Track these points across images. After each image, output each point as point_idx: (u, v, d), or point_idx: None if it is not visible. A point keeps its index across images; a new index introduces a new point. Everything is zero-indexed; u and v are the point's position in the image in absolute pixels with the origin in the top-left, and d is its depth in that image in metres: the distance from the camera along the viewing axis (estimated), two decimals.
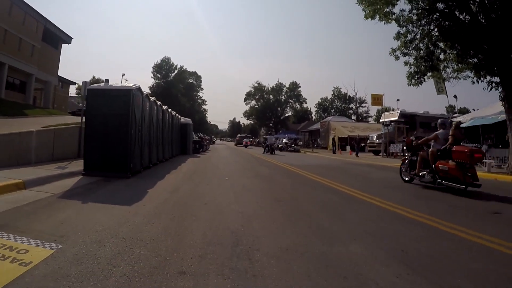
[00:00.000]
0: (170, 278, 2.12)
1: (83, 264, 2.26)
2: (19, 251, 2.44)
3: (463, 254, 2.79)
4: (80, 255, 2.43)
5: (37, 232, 2.89)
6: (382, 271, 2.34)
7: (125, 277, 2.09)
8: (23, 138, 7.29)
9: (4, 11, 23.87)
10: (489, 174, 10.55)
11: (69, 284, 1.96)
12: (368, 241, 3.03)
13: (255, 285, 2.08)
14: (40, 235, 2.81)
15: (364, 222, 3.82)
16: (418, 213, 4.26)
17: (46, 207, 3.93)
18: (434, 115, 28.81)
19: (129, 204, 4.27)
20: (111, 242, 2.75)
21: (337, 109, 69.31)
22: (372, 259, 2.57)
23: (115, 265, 2.28)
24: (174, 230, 3.23)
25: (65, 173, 6.41)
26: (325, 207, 4.63)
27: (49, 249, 2.51)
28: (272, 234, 3.22)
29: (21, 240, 2.67)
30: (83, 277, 2.06)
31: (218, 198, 5.04)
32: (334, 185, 6.93)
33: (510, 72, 10.24)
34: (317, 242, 2.98)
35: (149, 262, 2.36)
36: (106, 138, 6.76)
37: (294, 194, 5.77)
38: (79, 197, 4.59)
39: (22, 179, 5.03)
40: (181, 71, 60.56)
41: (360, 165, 13.76)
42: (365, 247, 2.85)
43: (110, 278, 2.07)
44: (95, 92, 6.89)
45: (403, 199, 5.38)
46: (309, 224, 3.66)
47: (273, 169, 10.65)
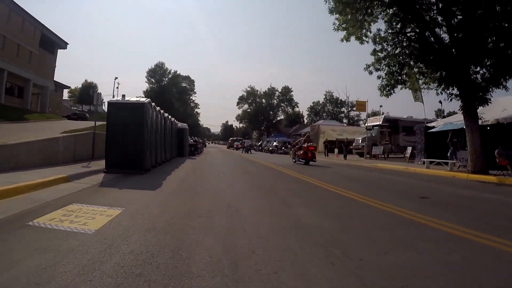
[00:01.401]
0: (193, 219, 3.82)
1: (140, 216, 3.90)
2: (101, 211, 4.05)
3: (329, 197, 4.54)
4: (136, 213, 4.06)
5: (103, 204, 4.50)
6: (314, 218, 4.08)
7: (168, 220, 3.74)
8: (52, 143, 8.81)
9: (4, 18, 24.90)
10: (450, 172, 12.55)
11: (135, 224, 3.59)
12: (312, 207, 4.78)
13: (239, 221, 3.79)
14: (108, 204, 4.44)
15: (316, 199, 5.56)
16: (326, 183, 6.05)
17: (95, 192, 5.53)
18: (416, 119, 31.01)
19: (153, 189, 5.93)
20: (152, 207, 4.41)
21: (329, 113, 71.64)
22: (311, 215, 4.30)
23: (160, 216, 3.93)
24: (189, 201, 4.91)
25: (92, 171, 7.97)
26: (291, 191, 6.46)
27: (117, 210, 4.14)
28: (251, 203, 4.96)
29: (97, 207, 4.28)
30: (142, 222, 3.69)
31: (216, 186, 6.77)
32: (305, 178, 8.77)
33: (467, 86, 12.03)
34: (279, 207, 4.72)
35: (179, 213, 4.08)
36: (124, 142, 8.36)
37: (272, 184, 7.55)
38: (113, 186, 6.21)
39: (66, 174, 6.59)
40: (175, 76, 62.08)
41: (338, 165, 15.61)
42: (308, 210, 4.61)
43: (159, 221, 3.71)
44: (114, 105, 8.51)
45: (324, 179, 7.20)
46: (277, 199, 5.43)
47: (259, 167, 12.44)
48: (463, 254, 2.86)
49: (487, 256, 2.84)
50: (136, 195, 5.30)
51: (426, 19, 12.49)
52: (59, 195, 5.00)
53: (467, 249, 3.04)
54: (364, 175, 10.84)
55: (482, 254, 2.91)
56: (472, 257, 2.79)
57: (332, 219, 4.16)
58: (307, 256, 2.71)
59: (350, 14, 12.38)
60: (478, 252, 2.95)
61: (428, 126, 18.96)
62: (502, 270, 2.52)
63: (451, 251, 2.96)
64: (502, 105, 14.89)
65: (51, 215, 3.78)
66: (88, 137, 10.69)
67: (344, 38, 12.70)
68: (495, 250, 3.03)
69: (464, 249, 3.02)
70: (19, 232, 3.15)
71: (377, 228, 3.78)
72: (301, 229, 3.56)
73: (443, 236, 3.48)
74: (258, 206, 4.78)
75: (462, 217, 4.42)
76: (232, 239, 3.13)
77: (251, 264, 2.48)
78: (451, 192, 7.45)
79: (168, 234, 3.21)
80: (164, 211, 4.22)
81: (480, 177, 11.13)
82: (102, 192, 5.57)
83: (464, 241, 3.28)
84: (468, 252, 2.94)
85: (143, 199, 4.94)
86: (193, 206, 4.58)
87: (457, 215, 4.60)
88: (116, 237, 3.04)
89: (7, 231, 3.15)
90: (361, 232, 3.57)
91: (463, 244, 3.18)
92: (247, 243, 2.99)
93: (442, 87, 13.10)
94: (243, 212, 4.34)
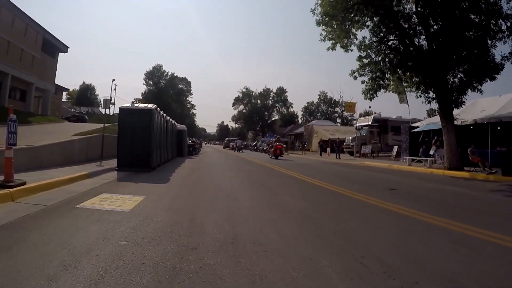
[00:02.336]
0: (201, 203, 4.97)
1: (159, 201, 5.03)
2: (128, 198, 5.17)
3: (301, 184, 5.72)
4: (155, 199, 5.19)
5: (127, 193, 5.62)
6: (295, 202, 5.27)
7: (181, 204, 4.88)
8: (70, 145, 9.88)
9: (8, 23, 25.73)
10: (429, 169, 13.79)
11: (157, 206, 4.71)
12: (294, 195, 5.95)
13: (237, 205, 4.93)
14: (131, 193, 5.55)
15: (298, 189, 6.73)
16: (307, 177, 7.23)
17: (116, 185, 6.64)
18: (405, 119, 32.40)
19: (163, 183, 7.05)
20: (166, 196, 5.55)
21: (323, 113, 72.97)
22: (292, 200, 5.48)
23: (174, 201, 5.06)
24: (195, 192, 6.05)
25: (105, 169, 9.04)
26: (279, 184, 7.65)
27: (140, 197, 5.26)
28: (246, 193, 6.12)
29: (123, 195, 5.40)
30: (162, 205, 4.82)
31: (216, 180, 7.89)
32: (292, 173, 9.94)
33: (444, 90, 13.21)
34: (268, 196, 5.90)
35: (189, 199, 5.22)
36: (133, 143, 9.46)
37: (263, 179, 8.71)
38: (129, 181, 7.32)
39: (87, 172, 7.67)
40: (172, 78, 63.10)
41: (326, 163, 16.84)
42: (291, 197, 5.81)
43: (175, 204, 4.84)
44: (125, 111, 9.61)
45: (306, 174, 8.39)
46: (267, 190, 6.60)
47: (253, 165, 13.65)
48: (401, 226, 4.03)
49: (420, 227, 3.98)
50: (150, 188, 6.42)
51: (406, 29, 13.69)
52: (87, 188, 6.11)
53: (406, 222, 4.20)
54: (346, 171, 12.05)
55: (417, 226, 4.08)
56: (407, 228, 3.95)
57: (309, 203, 5.33)
58: (284, 224, 3.87)
59: (336, 25, 13.57)
60: (415, 225, 4.11)
61: (412, 126, 20.26)
62: (431, 236, 3.62)
63: (392, 223, 4.14)
64: (482, 107, 16.04)
65: (91, 201, 4.89)
66: (98, 139, 11.75)
67: (330, 48, 13.86)
68: (427, 223, 4.21)
69: (403, 223, 4.17)
70: (73, 211, 4.26)
71: (343, 209, 4.95)
72: (283, 209, 4.73)
73: (391, 214, 4.65)
74: (251, 195, 5.95)
75: (415, 203, 5.58)
76: (231, 214, 4.29)
77: (244, 226, 3.64)
78: (419, 185, 8.65)
79: (184, 211, 4.35)
80: (176, 198, 5.36)
81: (455, 173, 12.32)
82: (122, 185, 6.68)
83: (406, 218, 4.44)
84: (406, 224, 4.11)
85: (158, 190, 6.07)
86: (199, 195, 5.73)
87: (413, 201, 5.77)
88: (146, 213, 4.17)
89: (64, 211, 4.26)
90: (329, 212, 4.74)
91: (404, 219, 4.35)
92: (242, 216, 4.16)
93: (421, 91, 14.38)
94: (239, 199, 5.50)
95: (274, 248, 2.96)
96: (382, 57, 14.15)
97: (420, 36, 14.01)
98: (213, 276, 2.32)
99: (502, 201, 6.32)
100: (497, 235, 3.48)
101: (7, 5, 25.12)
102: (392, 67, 14.02)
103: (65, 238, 3.11)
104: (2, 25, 24.60)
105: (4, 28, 24.94)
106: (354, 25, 14.08)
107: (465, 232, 3.62)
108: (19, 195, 4.89)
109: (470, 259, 2.77)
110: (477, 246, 3.16)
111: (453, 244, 3.21)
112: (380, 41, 13.99)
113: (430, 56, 13.27)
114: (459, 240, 3.34)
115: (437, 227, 3.89)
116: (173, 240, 3.10)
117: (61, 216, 3.96)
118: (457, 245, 3.16)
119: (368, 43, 14.36)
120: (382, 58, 14.13)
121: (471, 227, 3.82)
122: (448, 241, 3.30)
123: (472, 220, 4.20)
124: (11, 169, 5.21)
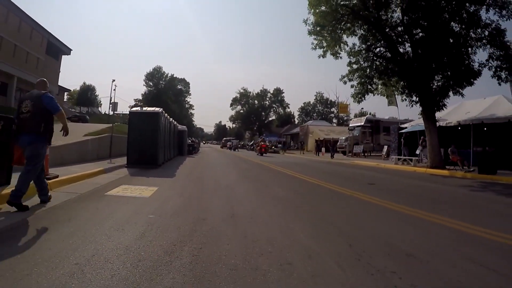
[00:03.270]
0: (205, 192, 6.06)
1: (171, 191, 6.11)
2: (144, 188, 6.25)
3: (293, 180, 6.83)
4: (167, 189, 6.27)
5: (142, 184, 6.69)
6: (283, 193, 6.36)
7: (190, 193, 5.96)
8: (84, 144, 10.94)
9: (14, 28, 26.78)
10: (413, 167, 14.89)
11: (170, 194, 5.79)
12: (283, 187, 7.05)
13: (234, 193, 6.03)
14: (146, 185, 6.63)
15: (288, 183, 7.84)
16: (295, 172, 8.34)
17: (131, 179, 7.70)
18: (397, 120, 33.64)
19: (171, 177, 8.14)
20: (176, 187, 6.63)
21: (319, 113, 74.19)
22: (281, 191, 6.58)
23: (183, 191, 6.14)
24: (200, 184, 7.16)
25: (117, 166, 10.10)
26: (272, 178, 8.74)
27: (154, 187, 6.34)
28: (242, 185, 7.22)
29: (140, 186, 6.48)
30: (174, 193, 5.90)
31: (215, 176, 8.98)
32: (284, 170, 11.03)
33: (426, 94, 14.26)
34: (262, 188, 7.00)
35: (195, 190, 6.29)
36: (142, 143, 10.52)
37: (258, 175, 9.82)
38: (141, 175, 8.39)
39: (103, 168, 8.73)
40: (171, 79, 64.16)
41: (318, 162, 17.98)
42: (280, 189, 6.92)
43: (184, 193, 5.92)
44: (135, 114, 10.71)
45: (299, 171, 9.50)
46: (260, 183, 7.72)
47: (249, 163, 14.77)
48: (365, 209, 5.14)
49: (380, 211, 5.10)
50: (161, 181, 7.50)
51: (392, 37, 14.76)
52: (107, 181, 7.18)
53: (370, 207, 5.31)
54: (334, 169, 13.19)
55: (378, 210, 5.20)
56: (368, 211, 5.07)
57: (295, 194, 6.44)
58: (271, 207, 4.98)
59: (327, 34, 14.68)
60: (376, 209, 5.23)
61: (401, 127, 21.42)
62: (384, 216, 4.78)
63: (357, 207, 5.26)
64: (467, 109, 16.80)
65: (115, 190, 5.97)
66: (108, 139, 12.79)
67: (321, 55, 14.99)
68: (386, 208, 5.33)
69: (367, 207, 5.28)
70: (103, 198, 5.33)
71: (319, 197, 6.07)
72: (273, 198, 5.84)
73: (360, 201, 5.76)
74: (247, 187, 7.04)
75: (386, 194, 6.68)
76: (230, 199, 5.39)
77: (240, 208, 4.75)
78: (397, 181, 9.76)
79: (192, 198, 5.45)
80: (184, 188, 6.45)
81: (436, 171, 13.41)
82: (135, 179, 7.75)
83: (371, 204, 5.54)
84: (369, 208, 5.23)
85: (167, 183, 7.15)
86: (203, 187, 6.81)
87: (384, 193, 6.84)
88: (163, 199, 5.27)
89: (96, 197, 5.33)
90: (311, 200, 5.85)
91: (369, 205, 5.46)
92: (239, 201, 5.27)
93: (405, 95, 15.51)
94: (237, 189, 6.60)
95: (262, 220, 4.06)
96: (369, 63, 15.26)
97: (405, 43, 15.12)
98: (218, 233, 3.41)
99: (463, 194, 7.31)
100: (439, 216, 4.52)
101: (14, 10, 26.09)
102: (378, 73, 15.14)
103: (107, 213, 4.19)
104: (9, 30, 25.58)
105: (11, 32, 25.96)
106: (345, 32, 15.14)
107: (415, 215, 4.66)
108: (55, 186, 5.95)
109: (407, 230, 3.84)
110: (417, 223, 4.23)
111: (399, 221, 4.30)
112: (368, 48, 15.12)
113: (414, 62, 14.36)
114: (406, 219, 4.40)
115: (394, 211, 4.97)
116: (188, 215, 4.19)
117: (96, 201, 5.03)
118: (402, 222, 4.24)
119: (357, 49, 15.48)
120: (369, 64, 15.23)
121: (422, 211, 4.84)
122: (397, 220, 4.37)
123: (426, 207, 5.22)
124: (47, 165, 6.26)
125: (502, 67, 12.62)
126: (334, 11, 14.02)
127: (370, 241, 3.32)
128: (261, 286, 2.21)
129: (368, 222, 4.19)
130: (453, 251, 3.05)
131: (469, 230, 3.82)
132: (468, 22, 13.27)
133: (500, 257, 2.92)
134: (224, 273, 2.39)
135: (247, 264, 2.57)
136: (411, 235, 3.60)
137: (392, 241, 3.32)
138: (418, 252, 2.98)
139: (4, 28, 25.07)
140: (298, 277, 2.36)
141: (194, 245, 3.00)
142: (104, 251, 2.76)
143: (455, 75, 13.73)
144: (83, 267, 2.41)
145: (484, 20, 13.18)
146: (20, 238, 3.10)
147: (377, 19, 14.12)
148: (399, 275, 2.42)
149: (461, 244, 3.29)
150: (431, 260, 2.78)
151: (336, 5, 13.88)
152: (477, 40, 13.50)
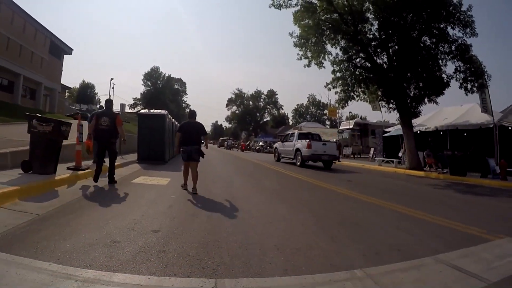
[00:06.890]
0: (208, 183, 7.57)
1: (181, 180, 7.56)
2: (160, 178, 7.72)
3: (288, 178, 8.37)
4: (179, 179, 7.69)
5: (157, 176, 8.15)
6: (274, 185, 7.90)
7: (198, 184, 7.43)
8: None
9: (20, 29, 27.89)
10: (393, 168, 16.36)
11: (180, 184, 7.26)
12: (271, 181, 8.57)
13: (232, 184, 7.57)
14: (160, 176, 8.11)
15: (276, 179, 9.38)
16: (294, 173, 9.88)
17: (146, 172, 9.15)
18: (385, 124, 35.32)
19: (179, 171, 9.55)
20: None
21: (312, 115, 75.83)
22: (269, 183, 8.13)
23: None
24: (203, 176, 8.58)
25: (129, 161, 11.49)
26: (265, 175, 10.28)
27: (168, 178, 7.81)
28: (240, 180, 8.74)
29: (156, 177, 7.94)
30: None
31: (216, 171, 10.49)
32: (274, 168, 12.56)
33: (402, 101, 15.69)
34: (255, 182, 8.55)
35: (201, 180, 7.73)
36: (150, 141, 11.95)
37: (252, 171, 11.34)
38: (153, 169, 9.84)
39: (120, 163, 10.14)
40: (169, 79, 65.42)
41: None
42: (269, 181, 8.47)
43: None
44: (143, 115, 12.16)
45: (290, 169, 11.04)
46: (254, 179, 9.26)
47: (244, 161, 16.32)
48: (337, 198, 6.68)
49: (348, 199, 6.65)
50: (171, 173, 8.96)
51: (370, 49, 16.15)
52: (127, 173, 8.63)
53: (341, 197, 6.85)
54: (320, 168, 14.66)
55: (346, 198, 6.74)
56: (339, 198, 6.60)
57: (280, 186, 7.97)
58: (261, 194, 6.52)
59: (311, 45, 16.15)
60: (345, 198, 6.77)
61: (385, 130, 23.02)
62: (349, 203, 6.32)
63: (331, 196, 6.80)
64: (445, 115, 18.04)
65: (137, 179, 7.44)
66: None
67: (306, 65, 16.52)
68: (354, 197, 6.89)
69: (340, 197, 6.83)
70: (130, 185, 6.78)
71: (301, 188, 7.63)
72: (261, 188, 7.38)
73: (335, 192, 7.29)
74: (242, 180, 8.57)
75: (360, 188, 8.19)
76: (229, 188, 6.91)
77: (237, 193, 6.29)
78: (374, 179, 11.29)
79: (199, 185, 6.94)
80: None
81: (413, 172, 14.83)
82: (150, 172, 9.20)
83: (344, 195, 7.08)
84: (341, 197, 6.77)
85: (177, 175, 8.58)
86: (205, 179, 8.25)
87: (360, 187, 8.34)
88: (177, 185, 6.75)
89: (125, 184, 6.78)
90: (293, 190, 7.38)
91: (341, 195, 7.00)
92: (235, 189, 6.80)
93: (384, 102, 17.07)
94: (234, 182, 8.10)
95: (254, 201, 5.60)
96: (350, 73, 16.59)
97: (383, 55, 16.50)
98: (223, 206, 4.93)
99: (426, 190, 8.69)
100: (392, 204, 5.97)
101: (19, 12, 27.22)
102: (357, 81, 16.50)
103: (138, 194, 5.67)
104: (15, 31, 26.72)
105: (17, 33, 27.08)
106: (329, 41, 16.48)
107: (374, 202, 6.09)
108: (88, 175, 7.38)
109: (362, 211, 5.33)
110: (372, 207, 5.67)
111: (358, 205, 5.83)
112: (349, 59, 16.54)
113: (390, 73, 15.75)
114: (364, 205, 5.89)
115: (358, 200, 6.46)
116: (199, 196, 5.72)
117: (125, 187, 6.50)
118: (360, 207, 5.73)
119: (340, 59, 16.81)
120: (350, 73, 16.57)
121: (381, 200, 6.26)
122: (358, 206, 5.83)
123: (386, 197, 6.65)
124: (80, 158, 7.70)
125: (467, 79, 14.17)
126: (316, 25, 15.38)
127: (330, 214, 4.86)
128: (251, 230, 3.73)
129: (333, 205, 5.73)
130: (389, 224, 4.44)
131: (410, 213, 5.18)
132: (437, 37, 14.66)
133: (418, 227, 4.36)
134: (229, 226, 3.91)
135: (242, 222, 4.11)
136: (363, 214, 5.11)
137: (346, 216, 4.86)
138: (363, 223, 4.44)
139: (10, 30, 26.18)
140: (275, 227, 3.89)
141: (207, 211, 4.52)
142: (150, 213, 4.27)
143: (427, 85, 15.15)
144: (139, 221, 3.89)
145: (452, 36, 14.59)
146: (100, 201, 4.58)
147: (355, 33, 15.51)
148: (342, 234, 3.90)
149: (397, 220, 4.68)
150: (371, 228, 4.18)
151: (318, 19, 15.31)
152: (446, 54, 14.86)
